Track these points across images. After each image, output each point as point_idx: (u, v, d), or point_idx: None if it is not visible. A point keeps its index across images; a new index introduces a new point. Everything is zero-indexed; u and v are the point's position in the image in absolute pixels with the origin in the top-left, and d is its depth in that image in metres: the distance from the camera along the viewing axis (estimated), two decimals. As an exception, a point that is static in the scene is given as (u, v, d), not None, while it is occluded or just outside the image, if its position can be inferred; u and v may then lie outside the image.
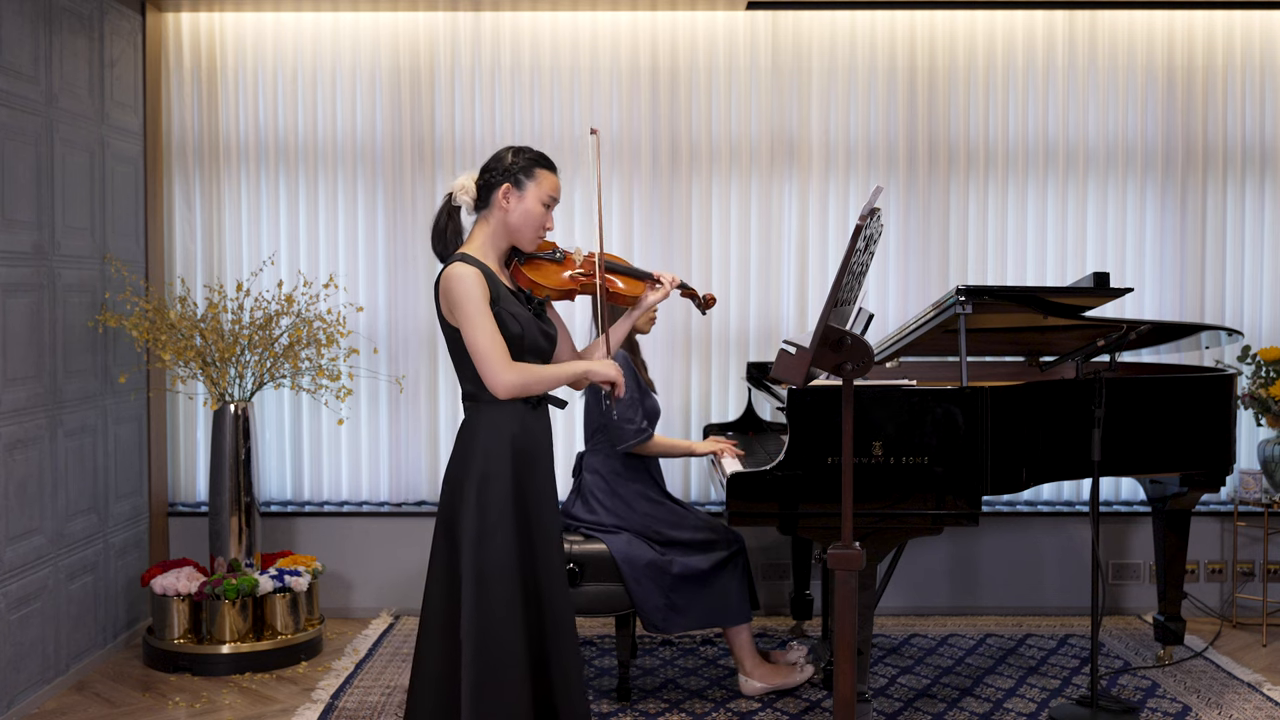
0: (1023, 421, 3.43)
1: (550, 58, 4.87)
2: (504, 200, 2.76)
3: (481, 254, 2.77)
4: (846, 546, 2.39)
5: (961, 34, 4.89)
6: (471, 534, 2.70)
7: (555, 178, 2.82)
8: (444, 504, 2.79)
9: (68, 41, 4.08)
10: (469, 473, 2.73)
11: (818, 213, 4.90)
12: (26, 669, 3.81)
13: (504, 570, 2.69)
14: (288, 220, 4.90)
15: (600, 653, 4.41)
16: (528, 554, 2.74)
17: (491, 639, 2.67)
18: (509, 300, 2.74)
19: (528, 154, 2.79)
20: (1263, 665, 4.28)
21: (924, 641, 4.54)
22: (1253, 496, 4.66)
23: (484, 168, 2.81)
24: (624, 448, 3.82)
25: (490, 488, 2.71)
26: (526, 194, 2.76)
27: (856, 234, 2.39)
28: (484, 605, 2.68)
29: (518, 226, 2.77)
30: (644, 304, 2.97)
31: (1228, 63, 4.90)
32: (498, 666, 2.67)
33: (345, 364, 4.69)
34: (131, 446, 4.56)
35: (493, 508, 2.70)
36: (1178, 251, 4.92)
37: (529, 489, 2.76)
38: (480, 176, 2.80)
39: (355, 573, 4.89)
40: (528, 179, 2.76)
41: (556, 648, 2.78)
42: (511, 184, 2.76)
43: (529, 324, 2.76)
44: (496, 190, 2.76)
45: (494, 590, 2.68)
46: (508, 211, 2.76)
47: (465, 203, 2.80)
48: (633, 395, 3.81)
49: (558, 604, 2.80)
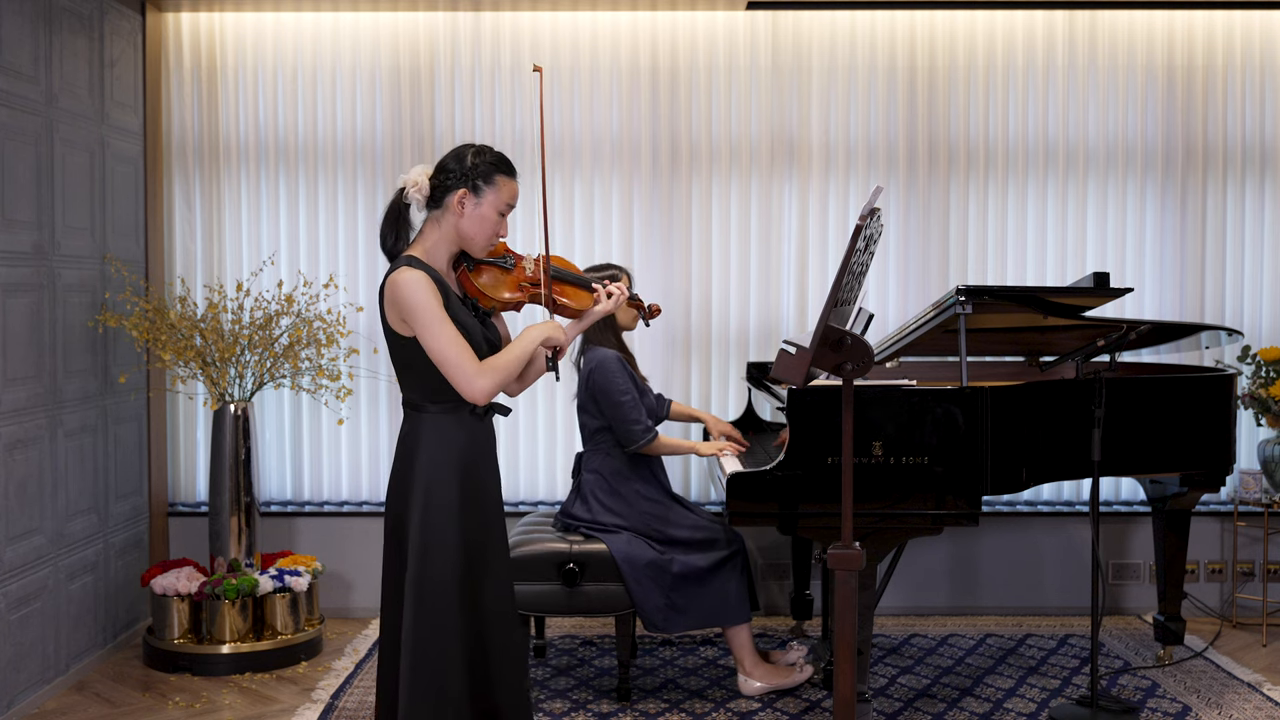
0: (1023, 421, 3.43)
1: (550, 58, 4.87)
2: (459, 205, 2.63)
3: (430, 257, 2.65)
4: (846, 546, 2.39)
5: (961, 34, 4.89)
6: (416, 546, 2.62)
7: (515, 184, 2.69)
8: (390, 513, 2.71)
9: (68, 41, 4.08)
10: (415, 484, 2.64)
11: (818, 213, 4.91)
12: (26, 669, 3.81)
13: (445, 582, 2.62)
14: (288, 220, 4.90)
15: (600, 653, 4.41)
16: (474, 564, 2.67)
17: (431, 650, 2.61)
18: (457, 308, 2.63)
19: (488, 157, 2.66)
20: (1263, 665, 4.28)
21: (924, 641, 4.54)
22: (1253, 496, 4.66)
23: (441, 165, 2.66)
24: (633, 449, 3.83)
25: (435, 497, 2.63)
26: (484, 200, 2.64)
27: (856, 234, 2.39)
28: (423, 616, 2.61)
29: (470, 234, 2.65)
30: (589, 316, 2.81)
31: (1228, 63, 4.90)
32: (434, 679, 2.61)
33: (345, 364, 4.69)
34: (131, 446, 4.56)
35: (439, 520, 2.63)
36: (1178, 251, 4.92)
37: (477, 500, 2.69)
38: (436, 175, 2.65)
39: (355, 573, 4.89)
40: (486, 185, 2.63)
41: (499, 659, 2.70)
42: (469, 189, 2.62)
43: (475, 332, 2.64)
44: (453, 194, 2.63)
45: (435, 601, 2.61)
46: (461, 217, 2.64)
47: (417, 200, 2.65)
48: (631, 397, 3.82)
49: (503, 614, 2.73)
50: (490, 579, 2.71)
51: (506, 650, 2.72)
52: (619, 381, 3.80)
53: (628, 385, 3.82)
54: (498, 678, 2.70)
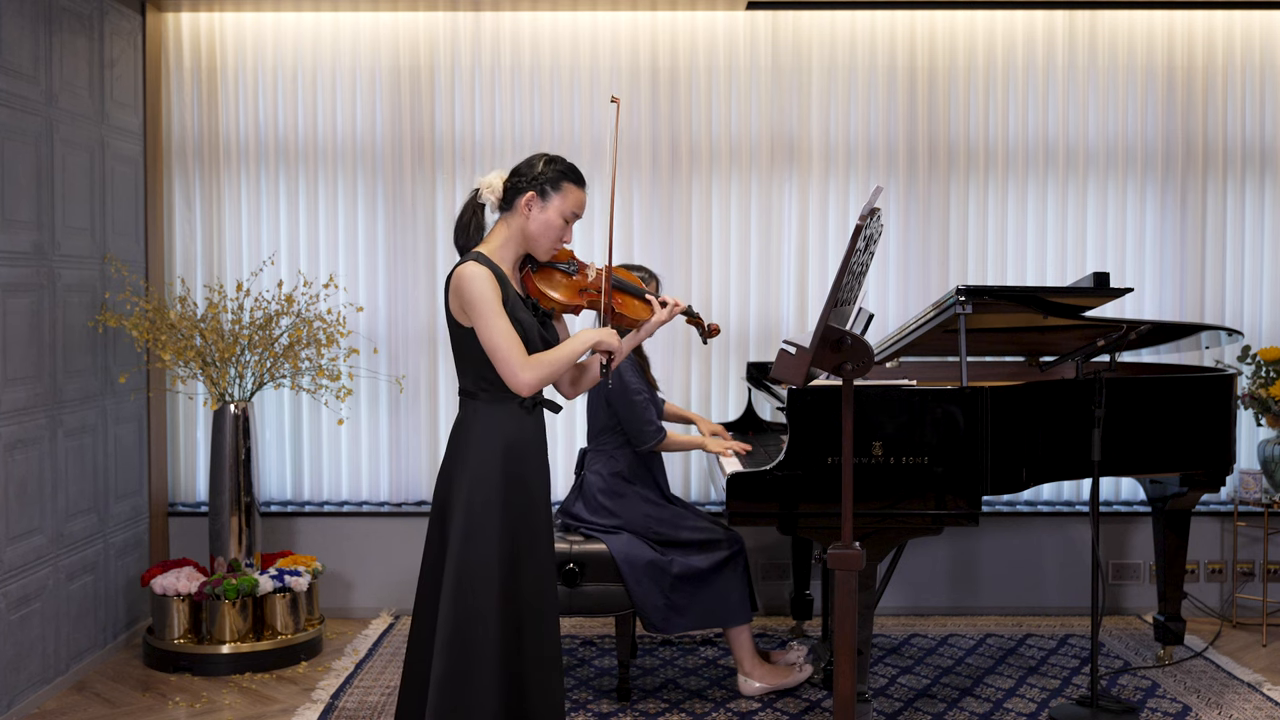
0: (1023, 421, 3.43)
1: (550, 58, 4.87)
2: (527, 207, 2.76)
3: (497, 255, 2.77)
4: (846, 546, 2.39)
5: (961, 34, 4.89)
6: (459, 530, 2.70)
7: (582, 194, 2.82)
8: (437, 498, 2.80)
9: (68, 41, 4.08)
10: (462, 470, 2.74)
11: (818, 213, 4.91)
12: (26, 669, 3.81)
13: (486, 570, 2.68)
14: (288, 220, 4.90)
15: (600, 653, 4.41)
16: (514, 555, 2.73)
17: (466, 636, 2.66)
18: (516, 305, 2.74)
19: (559, 165, 2.80)
20: (1263, 665, 4.28)
21: (924, 641, 4.54)
22: (1253, 496, 4.66)
23: (514, 170, 2.82)
24: (646, 448, 3.86)
25: (482, 486, 2.71)
26: (549, 205, 2.77)
27: (856, 234, 2.39)
28: (462, 602, 2.67)
29: (535, 236, 2.78)
30: (648, 327, 2.94)
31: (1228, 63, 4.90)
32: (469, 665, 2.66)
33: (345, 364, 4.69)
34: (131, 446, 4.56)
35: (482, 506, 2.70)
36: (1178, 251, 4.92)
37: (521, 489, 2.76)
38: (509, 178, 2.81)
39: (355, 573, 4.89)
40: (554, 190, 2.77)
41: (537, 652, 2.75)
42: (537, 193, 2.76)
43: (532, 331, 2.75)
44: (521, 196, 2.76)
45: (475, 588, 2.68)
46: (528, 219, 2.77)
47: (490, 201, 2.81)
48: (645, 396, 3.84)
49: (543, 607, 2.78)
50: (530, 570, 2.76)
51: (541, 643, 2.76)
52: (633, 381, 3.82)
53: (641, 385, 3.85)
54: (532, 667, 2.74)
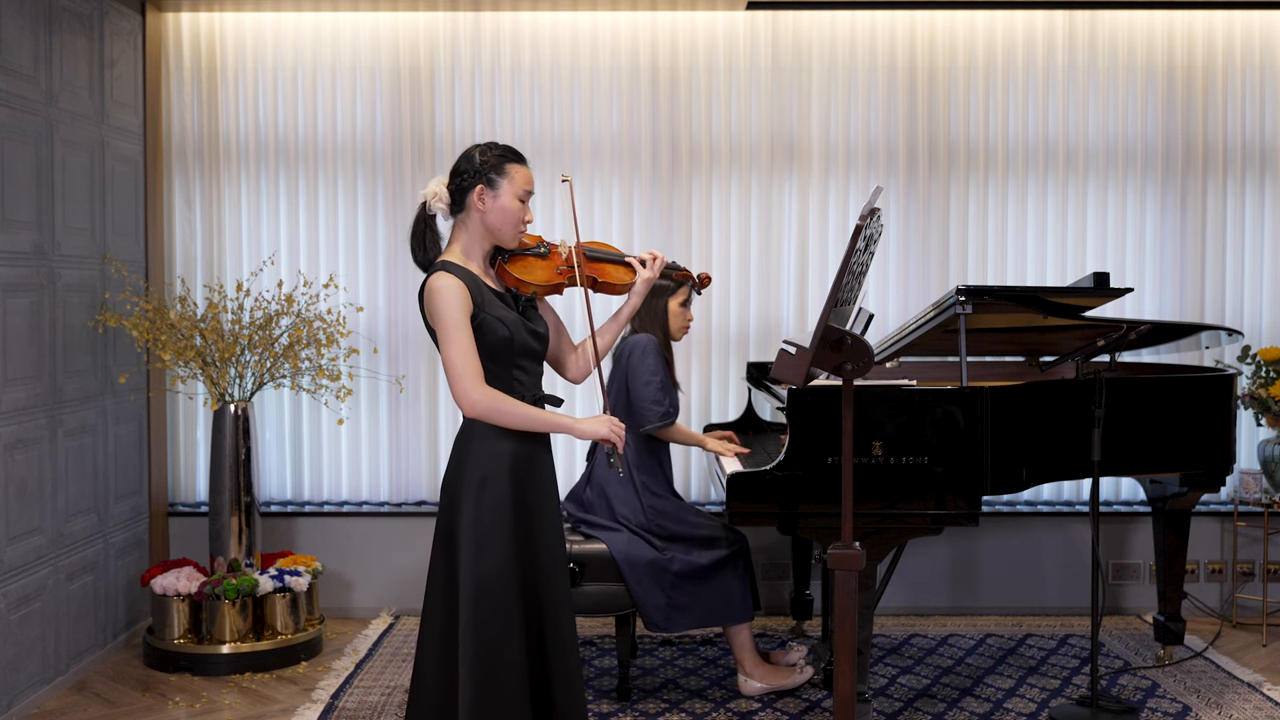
0: (1023, 421, 3.43)
1: (550, 58, 4.87)
2: (480, 201, 2.71)
3: (463, 259, 2.73)
4: (846, 546, 2.39)
5: (961, 34, 4.89)
6: (470, 540, 2.67)
7: (527, 169, 2.77)
8: (442, 510, 2.77)
9: (68, 41, 4.08)
10: (466, 478, 2.70)
11: (818, 213, 4.91)
12: (26, 669, 3.81)
13: (502, 577, 2.66)
14: (288, 220, 4.90)
15: (600, 653, 4.41)
16: (527, 559, 2.72)
17: (491, 648, 2.65)
18: (494, 304, 2.71)
19: (496, 150, 2.75)
20: (1263, 665, 4.28)
21: (924, 641, 4.54)
22: (1253, 496, 4.66)
23: (453, 171, 2.76)
24: (647, 429, 3.82)
25: (487, 493, 2.68)
26: (501, 192, 2.71)
27: (856, 234, 2.39)
28: (482, 613, 2.65)
29: (497, 226, 2.73)
30: (638, 289, 2.91)
31: (1228, 63, 4.90)
32: (497, 675, 2.65)
33: (345, 364, 4.69)
34: (131, 446, 4.56)
35: (490, 513, 2.68)
36: (1178, 251, 4.92)
37: (527, 493, 2.74)
38: (451, 181, 2.75)
39: (355, 573, 4.89)
40: (499, 176, 2.71)
41: (558, 654, 2.75)
42: (485, 184, 2.71)
43: (516, 326, 2.72)
44: (470, 192, 2.72)
45: (492, 598, 2.65)
46: (485, 212, 2.72)
47: (440, 209, 2.76)
48: (662, 380, 3.82)
49: (558, 609, 2.77)
50: (544, 573, 2.75)
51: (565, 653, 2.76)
52: (652, 362, 3.81)
53: (659, 368, 3.82)
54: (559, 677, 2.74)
